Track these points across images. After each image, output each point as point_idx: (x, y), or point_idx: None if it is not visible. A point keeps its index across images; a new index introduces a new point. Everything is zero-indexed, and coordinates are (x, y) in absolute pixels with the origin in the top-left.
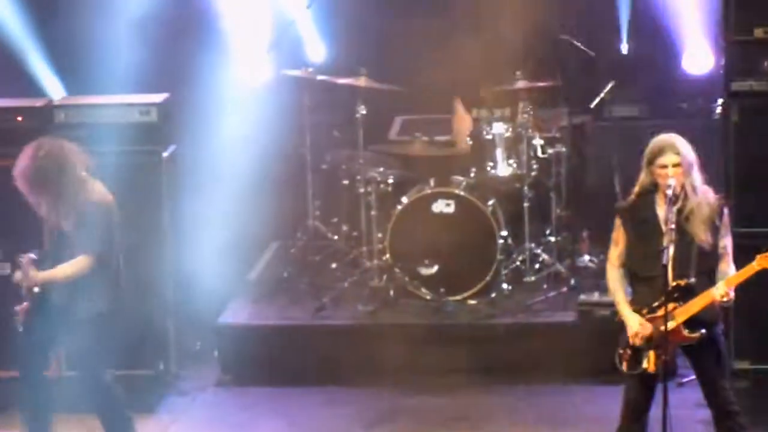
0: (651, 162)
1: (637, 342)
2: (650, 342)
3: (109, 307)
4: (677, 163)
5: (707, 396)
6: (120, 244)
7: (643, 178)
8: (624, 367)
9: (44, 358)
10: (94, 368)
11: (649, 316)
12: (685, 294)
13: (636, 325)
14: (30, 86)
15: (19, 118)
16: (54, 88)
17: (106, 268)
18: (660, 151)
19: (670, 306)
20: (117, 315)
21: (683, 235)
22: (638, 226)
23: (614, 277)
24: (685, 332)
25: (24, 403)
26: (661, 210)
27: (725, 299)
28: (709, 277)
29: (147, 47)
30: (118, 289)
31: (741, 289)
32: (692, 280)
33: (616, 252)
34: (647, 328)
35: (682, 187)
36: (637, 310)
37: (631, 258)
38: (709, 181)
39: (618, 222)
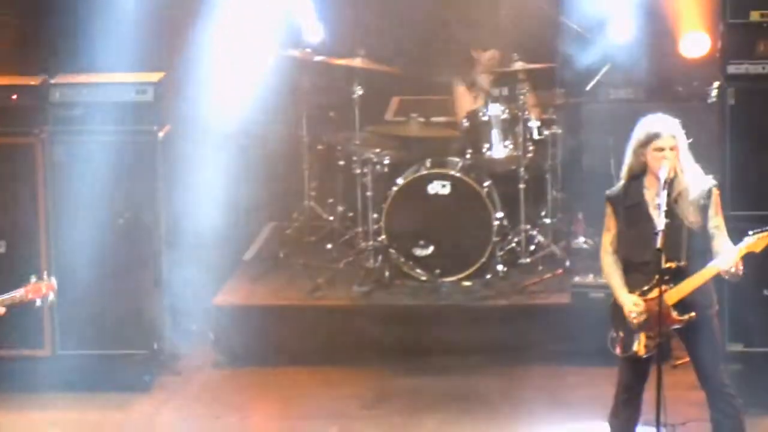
0: (644, 144)
1: (635, 321)
2: (641, 325)
3: None
4: (673, 146)
5: (701, 378)
6: None
7: (631, 161)
8: (616, 350)
9: None
10: None
11: (641, 299)
12: (676, 277)
13: (630, 305)
14: (26, 64)
15: (14, 97)
16: (50, 66)
17: None
18: (656, 134)
19: (662, 288)
20: None
21: (673, 218)
22: (628, 212)
23: (608, 262)
24: (676, 315)
25: None
26: (649, 194)
27: (733, 270)
28: (700, 259)
29: (144, 26)
30: None
31: None
32: (683, 262)
33: (608, 238)
34: (641, 306)
35: (675, 170)
36: (630, 294)
37: (622, 244)
38: (706, 164)
39: (609, 209)
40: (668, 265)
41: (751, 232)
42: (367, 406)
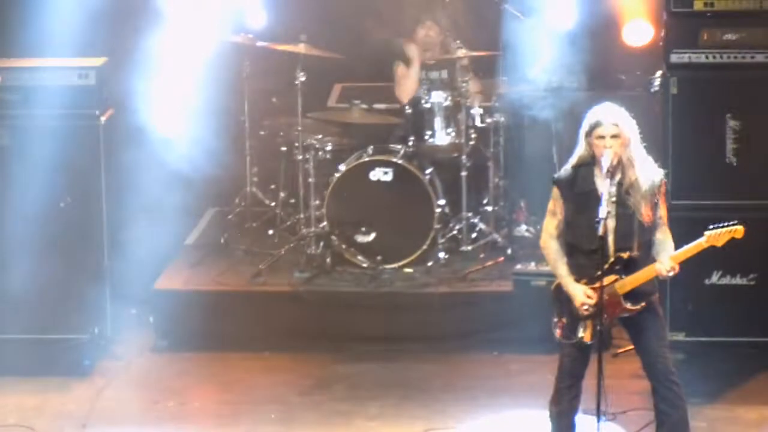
0: (589, 133)
1: (586, 312)
2: (591, 314)
3: None
4: (616, 134)
5: (647, 366)
6: None
7: (581, 149)
8: (559, 335)
9: None
10: None
11: (588, 287)
12: (627, 266)
13: (582, 296)
14: None
15: None
16: None
17: None
18: (597, 122)
19: (612, 278)
20: None
21: (624, 208)
22: (577, 199)
23: (554, 248)
24: (627, 305)
25: None
26: (600, 182)
27: (671, 273)
28: (649, 249)
29: (87, 11)
30: None
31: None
32: (635, 252)
33: (554, 222)
34: (593, 298)
35: (620, 160)
36: (576, 281)
37: (570, 231)
38: (648, 153)
39: (556, 193)
40: (619, 254)
41: (711, 226)
42: (307, 392)
